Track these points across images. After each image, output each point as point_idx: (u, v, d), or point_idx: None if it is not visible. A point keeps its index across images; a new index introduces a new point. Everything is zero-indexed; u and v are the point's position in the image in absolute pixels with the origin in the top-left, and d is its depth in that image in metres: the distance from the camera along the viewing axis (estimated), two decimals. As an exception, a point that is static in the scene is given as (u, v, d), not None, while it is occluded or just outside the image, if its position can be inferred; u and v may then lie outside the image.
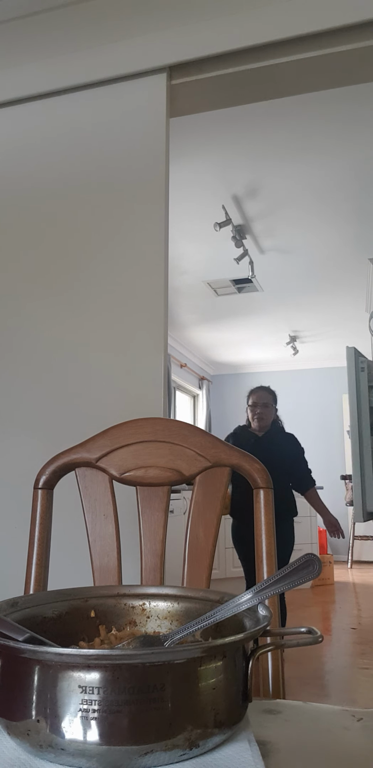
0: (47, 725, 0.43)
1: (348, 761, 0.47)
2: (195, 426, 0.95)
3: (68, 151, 1.83)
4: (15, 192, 1.87)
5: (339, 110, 2.72)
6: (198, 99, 1.86)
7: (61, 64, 1.83)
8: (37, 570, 0.88)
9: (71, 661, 0.43)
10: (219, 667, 0.46)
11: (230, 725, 0.47)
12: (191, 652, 0.45)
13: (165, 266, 1.69)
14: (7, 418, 1.74)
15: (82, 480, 0.94)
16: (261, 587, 0.50)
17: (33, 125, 1.87)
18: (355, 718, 0.54)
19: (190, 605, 0.63)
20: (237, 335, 6.77)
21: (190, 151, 3.05)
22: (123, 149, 1.77)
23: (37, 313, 1.77)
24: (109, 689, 0.42)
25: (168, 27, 1.73)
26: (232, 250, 4.09)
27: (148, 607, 0.65)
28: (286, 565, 0.50)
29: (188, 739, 0.44)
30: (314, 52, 1.64)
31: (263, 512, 0.86)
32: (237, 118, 2.76)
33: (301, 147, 3.03)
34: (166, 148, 1.74)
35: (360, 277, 4.78)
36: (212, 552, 0.89)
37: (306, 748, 0.50)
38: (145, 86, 1.77)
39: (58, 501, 0.97)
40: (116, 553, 0.90)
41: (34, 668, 0.44)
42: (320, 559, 0.66)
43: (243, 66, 1.70)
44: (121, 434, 0.94)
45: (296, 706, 0.58)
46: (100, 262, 1.73)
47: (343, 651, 3.56)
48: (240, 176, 3.32)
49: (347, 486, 6.82)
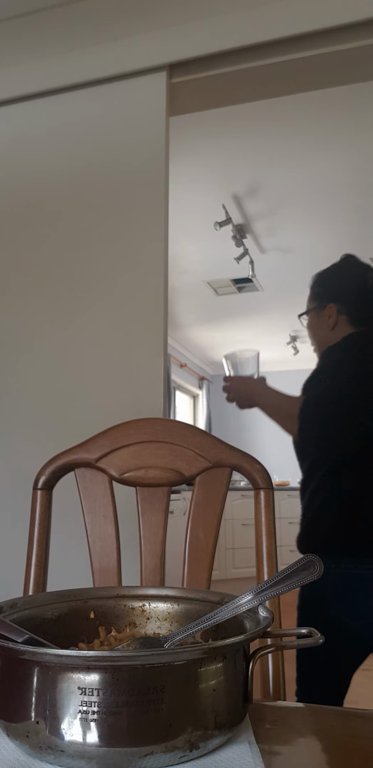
0: (47, 727, 0.43)
1: (349, 763, 0.47)
2: (195, 426, 0.95)
3: (67, 150, 1.82)
4: (14, 191, 1.86)
5: (340, 109, 2.72)
6: (198, 97, 1.85)
7: (60, 63, 1.83)
8: (37, 571, 0.88)
9: (71, 663, 0.43)
10: (219, 669, 0.46)
11: (231, 727, 0.47)
12: (191, 654, 0.45)
13: (165, 265, 1.68)
14: (7, 418, 1.74)
15: (81, 480, 0.93)
16: (261, 588, 0.50)
17: (32, 124, 1.87)
18: (356, 719, 0.54)
19: (190, 606, 0.63)
20: (237, 335, 6.76)
21: (190, 150, 3.05)
22: (123, 148, 1.77)
23: (37, 313, 1.77)
24: (108, 691, 0.42)
25: (168, 25, 1.73)
26: (232, 250, 4.09)
27: (148, 608, 0.64)
28: (287, 567, 0.49)
29: (188, 741, 0.43)
30: (314, 50, 1.63)
31: (264, 513, 0.86)
32: (237, 117, 2.75)
33: (301, 146, 3.02)
34: (166, 147, 1.74)
35: (360, 277, 4.77)
36: (213, 553, 0.88)
37: (306, 749, 0.49)
38: (145, 85, 1.76)
39: (58, 502, 0.97)
40: (116, 554, 0.90)
41: (33, 670, 0.44)
42: (321, 559, 0.65)
43: (243, 65, 1.69)
44: (120, 435, 0.94)
45: (296, 707, 0.58)
46: (100, 261, 1.73)
47: (343, 651, 3.55)
48: (240, 175, 3.32)
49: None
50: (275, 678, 0.76)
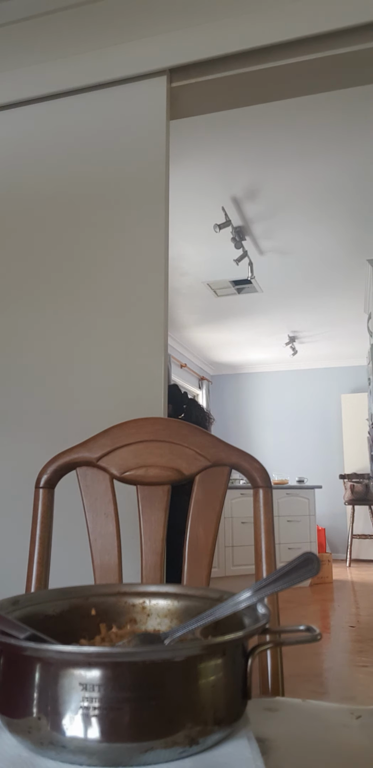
0: (48, 723, 0.43)
1: (347, 759, 0.48)
2: (195, 426, 0.95)
3: (68, 154, 1.83)
4: (15, 194, 1.87)
5: (339, 113, 2.72)
6: (198, 101, 1.86)
7: (61, 67, 1.83)
8: (39, 568, 0.89)
9: (72, 659, 0.43)
10: (219, 665, 0.47)
11: (230, 722, 0.47)
12: (190, 650, 0.46)
13: (165, 267, 1.69)
14: (9, 418, 1.75)
15: (83, 479, 0.94)
16: (260, 585, 0.51)
17: (33, 128, 1.88)
18: (354, 715, 0.55)
19: (190, 603, 0.63)
20: (237, 336, 6.77)
21: (190, 153, 3.05)
22: (123, 151, 1.77)
23: (39, 314, 1.77)
24: (109, 687, 0.43)
25: (168, 30, 1.74)
26: (231, 252, 4.09)
27: (148, 605, 0.65)
28: (285, 564, 0.50)
29: (188, 737, 0.44)
30: (313, 54, 1.64)
31: (262, 511, 0.87)
32: (237, 121, 2.76)
33: (300, 149, 3.03)
34: (167, 150, 1.75)
35: (359, 279, 4.78)
36: (212, 550, 0.89)
37: (305, 745, 0.50)
38: (146, 89, 1.77)
39: (60, 500, 0.97)
40: (117, 551, 0.91)
41: (35, 666, 0.45)
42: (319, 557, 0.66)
43: (243, 69, 1.70)
44: (121, 434, 0.95)
45: (294, 703, 0.58)
46: (101, 263, 1.74)
47: (341, 649, 3.56)
48: (240, 178, 3.33)
49: (345, 485, 6.83)
50: (274, 674, 0.76)
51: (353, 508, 6.85)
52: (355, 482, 6.70)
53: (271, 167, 3.20)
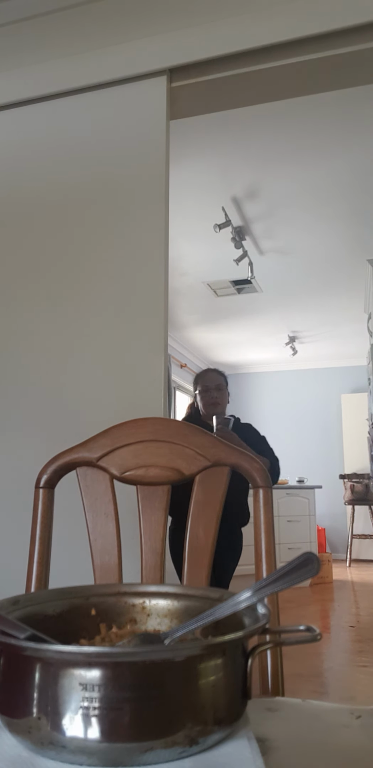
0: (48, 723, 0.43)
1: (347, 758, 0.48)
2: (195, 426, 0.95)
3: (69, 154, 1.83)
4: (16, 194, 1.87)
5: (338, 112, 2.72)
6: (198, 101, 1.86)
7: (61, 67, 1.83)
8: (39, 568, 0.89)
9: (72, 659, 0.43)
10: (219, 665, 0.47)
11: (230, 722, 0.47)
12: (190, 650, 0.46)
13: (165, 267, 1.69)
14: (9, 417, 1.75)
15: (83, 479, 0.94)
16: (260, 585, 0.51)
17: (33, 128, 1.88)
18: (354, 715, 0.55)
19: (190, 603, 0.63)
20: (237, 336, 6.77)
21: (190, 153, 3.05)
22: (123, 151, 1.77)
23: (39, 314, 1.77)
24: (109, 687, 0.43)
25: (168, 30, 1.74)
26: (231, 252, 4.09)
27: (148, 605, 0.65)
28: (285, 564, 0.50)
29: (188, 737, 0.44)
30: (313, 54, 1.64)
31: (263, 511, 0.87)
32: (237, 121, 2.76)
33: (300, 149, 3.03)
34: (167, 150, 1.75)
35: (359, 278, 4.78)
36: (212, 550, 0.89)
37: (305, 745, 0.50)
38: (146, 89, 1.77)
39: (60, 500, 0.97)
40: (117, 551, 0.91)
41: (35, 666, 0.45)
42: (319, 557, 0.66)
43: (243, 69, 1.70)
44: (121, 434, 0.95)
45: (294, 703, 0.58)
46: (101, 263, 1.74)
47: (341, 649, 3.56)
48: (240, 178, 3.33)
49: (345, 485, 6.83)
50: (274, 674, 0.76)
51: (353, 508, 6.85)
52: (355, 482, 6.70)
53: (271, 167, 3.20)
